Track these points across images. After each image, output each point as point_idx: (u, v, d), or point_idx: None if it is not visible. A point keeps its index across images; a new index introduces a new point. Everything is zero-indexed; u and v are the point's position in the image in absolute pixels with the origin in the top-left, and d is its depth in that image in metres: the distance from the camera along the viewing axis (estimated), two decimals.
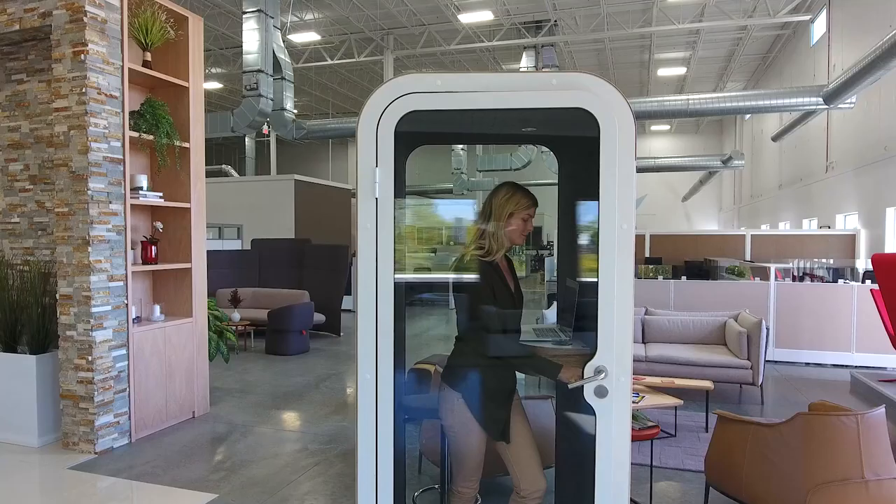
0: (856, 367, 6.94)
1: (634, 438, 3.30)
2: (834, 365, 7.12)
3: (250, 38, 12.23)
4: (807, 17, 14.44)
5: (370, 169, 1.97)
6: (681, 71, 19.91)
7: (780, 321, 7.32)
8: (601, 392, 1.95)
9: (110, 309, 4.22)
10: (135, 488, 3.61)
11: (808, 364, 7.23)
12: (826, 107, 11.70)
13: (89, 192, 4.06)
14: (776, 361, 7.30)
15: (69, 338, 4.15)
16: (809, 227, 14.93)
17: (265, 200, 14.78)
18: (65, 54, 4.08)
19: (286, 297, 8.66)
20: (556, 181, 2.88)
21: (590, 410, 1.96)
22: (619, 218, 1.92)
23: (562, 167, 2.88)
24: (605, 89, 1.91)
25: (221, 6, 14.82)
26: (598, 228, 1.93)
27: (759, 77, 20.88)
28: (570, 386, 2.00)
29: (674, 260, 9.81)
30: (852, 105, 11.84)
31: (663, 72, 19.85)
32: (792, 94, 12.00)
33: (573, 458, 2.43)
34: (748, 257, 9.93)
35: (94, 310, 4.09)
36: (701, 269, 8.73)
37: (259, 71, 12.26)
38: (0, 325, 4.48)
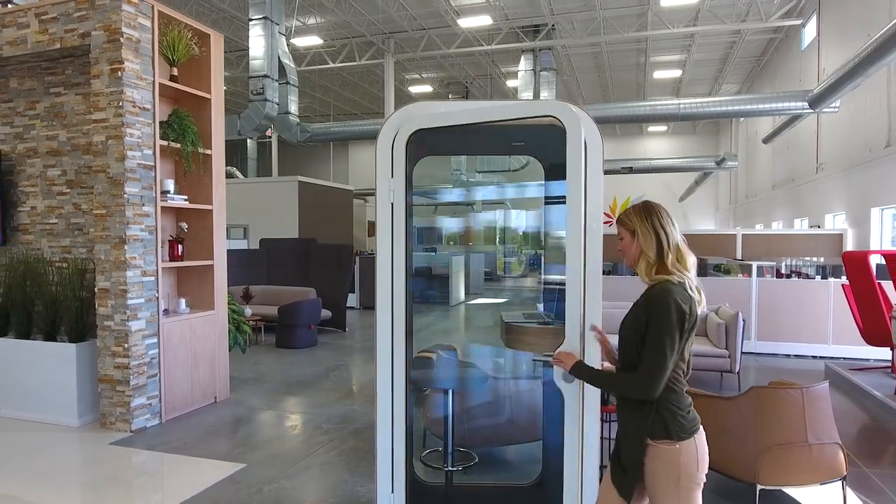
0: (832, 358, 7.37)
1: (607, 410, 3.72)
2: (813, 356, 7.56)
3: (256, 44, 12.66)
4: (798, 22, 14.86)
5: (387, 179, 2.41)
6: (676, 73, 20.34)
7: (762, 315, 7.76)
8: (567, 377, 2.20)
9: (143, 301, 4.66)
10: (172, 460, 4.05)
11: (788, 356, 7.67)
12: (812, 111, 12.12)
13: (125, 196, 4.50)
14: (758, 353, 7.74)
15: (107, 327, 4.59)
16: (801, 226, 15.34)
17: (270, 201, 15.18)
18: (103, 71, 4.52)
19: (294, 293, 9.08)
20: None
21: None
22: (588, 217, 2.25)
23: (546, 173, 3.30)
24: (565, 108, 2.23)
25: (226, 11, 15.25)
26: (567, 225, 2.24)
27: (753, 79, 21.30)
28: (533, 357, 2.28)
29: None
30: (836, 109, 12.26)
31: (659, 74, 20.29)
32: (779, 99, 12.43)
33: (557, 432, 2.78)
34: (739, 256, 10.33)
35: (129, 302, 4.53)
36: None
37: (265, 76, 12.70)
38: (41, 316, 4.93)
